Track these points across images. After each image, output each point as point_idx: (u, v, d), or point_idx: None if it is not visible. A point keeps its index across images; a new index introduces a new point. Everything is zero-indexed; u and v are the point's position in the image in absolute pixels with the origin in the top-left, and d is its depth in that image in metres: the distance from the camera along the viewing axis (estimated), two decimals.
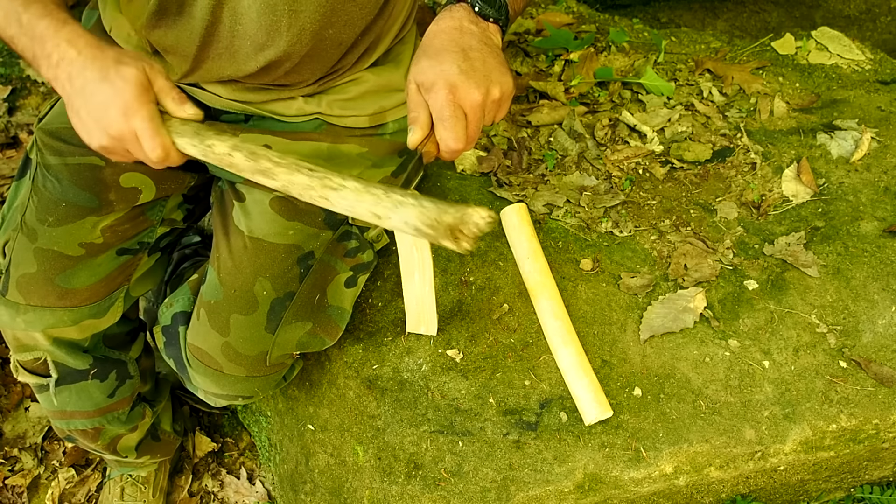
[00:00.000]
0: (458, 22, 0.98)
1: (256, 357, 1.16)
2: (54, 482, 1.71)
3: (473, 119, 0.94)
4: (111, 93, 0.88)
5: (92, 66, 0.89)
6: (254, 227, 1.16)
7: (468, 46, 0.96)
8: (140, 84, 0.88)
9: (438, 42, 0.97)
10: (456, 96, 0.92)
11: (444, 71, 0.92)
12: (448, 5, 1.02)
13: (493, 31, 1.00)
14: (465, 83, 0.92)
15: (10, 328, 1.19)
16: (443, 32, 0.98)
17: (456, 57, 0.93)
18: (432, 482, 1.15)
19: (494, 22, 1.00)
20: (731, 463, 1.19)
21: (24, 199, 1.16)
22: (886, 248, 1.36)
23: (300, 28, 1.06)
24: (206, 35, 1.07)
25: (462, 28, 0.98)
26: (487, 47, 0.97)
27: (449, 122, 0.92)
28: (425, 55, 0.97)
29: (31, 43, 0.90)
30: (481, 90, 0.93)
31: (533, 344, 1.25)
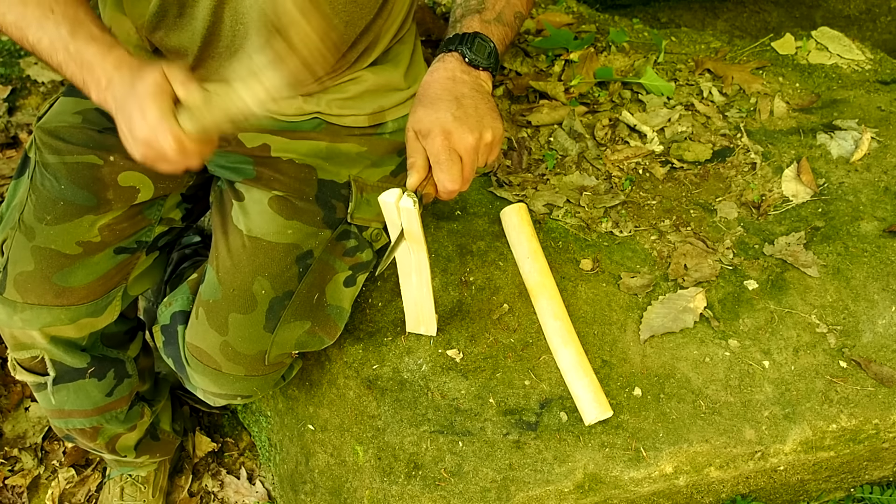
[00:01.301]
0: (450, 72, 1.05)
1: (255, 356, 1.16)
2: (54, 482, 1.71)
3: (468, 161, 1.00)
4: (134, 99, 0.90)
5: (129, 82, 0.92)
6: (252, 227, 1.16)
7: (461, 94, 1.02)
8: (155, 83, 0.89)
9: (433, 91, 1.03)
10: (451, 141, 0.98)
11: (439, 118, 0.99)
12: (441, 55, 1.07)
13: (484, 78, 1.07)
14: (459, 129, 0.98)
15: (8, 326, 1.18)
16: (436, 82, 1.04)
17: (450, 105, 1.00)
18: (432, 482, 1.15)
19: (485, 69, 1.07)
20: (731, 463, 1.19)
21: (22, 198, 1.16)
22: (886, 248, 1.36)
23: None
24: (207, 35, 1.08)
25: (455, 77, 1.05)
26: (479, 94, 1.04)
27: (445, 166, 0.98)
28: (421, 104, 1.03)
29: (80, 70, 0.93)
30: (475, 135, 0.99)
31: (533, 344, 1.25)
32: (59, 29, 0.93)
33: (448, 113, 0.99)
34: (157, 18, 1.09)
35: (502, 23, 1.11)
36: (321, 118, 1.21)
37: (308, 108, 1.20)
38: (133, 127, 0.90)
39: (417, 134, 1.02)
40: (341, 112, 1.21)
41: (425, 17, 1.81)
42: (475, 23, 1.09)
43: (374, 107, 1.23)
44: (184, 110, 0.91)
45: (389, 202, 0.98)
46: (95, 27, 0.95)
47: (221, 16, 1.05)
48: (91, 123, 1.18)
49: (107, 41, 0.94)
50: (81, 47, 0.93)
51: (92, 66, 0.93)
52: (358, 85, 1.21)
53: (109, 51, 0.93)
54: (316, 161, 1.19)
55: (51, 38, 0.94)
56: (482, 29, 1.08)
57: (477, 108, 1.02)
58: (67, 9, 0.95)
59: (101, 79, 0.92)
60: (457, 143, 0.99)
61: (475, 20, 1.09)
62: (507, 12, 1.12)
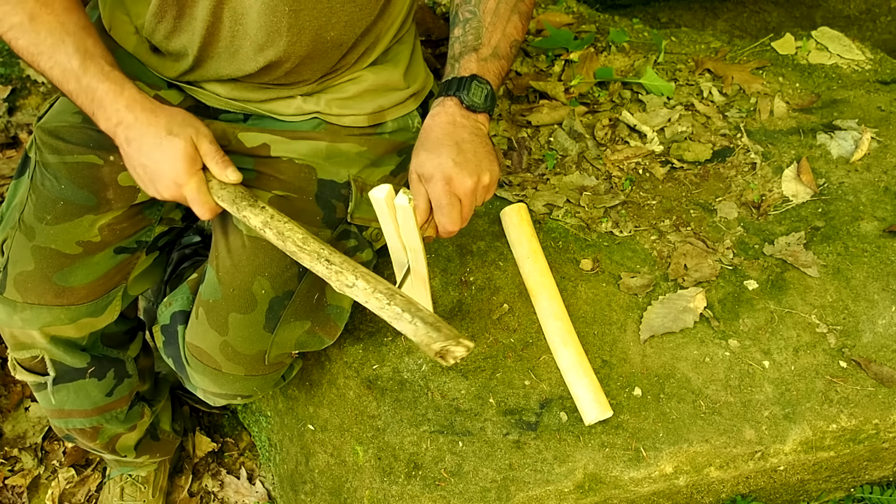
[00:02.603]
0: (450, 116, 1.10)
1: (255, 356, 1.16)
2: (54, 482, 1.71)
3: (467, 204, 1.06)
4: (164, 163, 1.00)
5: (147, 132, 0.99)
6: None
7: (461, 139, 1.07)
8: (188, 156, 1.00)
9: (434, 136, 1.08)
10: (451, 186, 1.04)
11: (440, 164, 1.04)
12: (441, 98, 1.12)
13: (482, 120, 1.12)
14: (459, 174, 1.03)
15: (8, 326, 1.18)
16: (438, 126, 1.09)
17: (451, 150, 1.05)
18: (432, 482, 1.15)
19: (483, 112, 1.12)
20: (731, 463, 1.19)
21: (22, 198, 1.16)
22: (886, 248, 1.36)
23: (300, 29, 1.06)
24: (206, 35, 1.08)
25: (455, 122, 1.09)
26: (478, 138, 1.09)
27: (446, 210, 1.04)
28: (424, 148, 1.07)
29: (91, 104, 1.00)
30: (473, 179, 1.05)
31: (533, 344, 1.25)
32: (70, 61, 0.98)
33: (449, 158, 1.04)
34: (156, 19, 1.09)
35: (498, 57, 1.15)
36: (321, 118, 1.21)
37: (307, 108, 1.20)
38: (157, 181, 1.02)
39: (420, 177, 1.06)
40: (341, 112, 1.21)
41: (425, 17, 1.80)
42: (472, 63, 1.13)
43: (373, 107, 1.23)
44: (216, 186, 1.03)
45: (379, 198, 0.99)
46: (106, 62, 1.00)
47: (221, 16, 1.05)
48: (91, 123, 1.18)
49: (118, 79, 1.00)
50: (93, 84, 0.99)
51: (103, 103, 0.99)
52: (357, 85, 1.21)
53: (121, 90, 0.99)
54: (316, 161, 1.19)
55: (63, 69, 0.99)
56: (479, 69, 1.12)
57: (476, 152, 1.07)
58: (78, 41, 0.99)
59: (112, 117, 0.99)
60: (457, 188, 1.04)
61: (472, 60, 1.13)
62: (502, 45, 1.16)
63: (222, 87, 1.17)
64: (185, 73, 1.16)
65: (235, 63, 1.11)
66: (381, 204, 0.99)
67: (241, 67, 1.12)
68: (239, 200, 1.03)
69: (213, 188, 1.04)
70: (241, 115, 1.22)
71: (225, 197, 1.04)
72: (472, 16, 1.17)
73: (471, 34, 1.15)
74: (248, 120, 1.22)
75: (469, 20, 1.17)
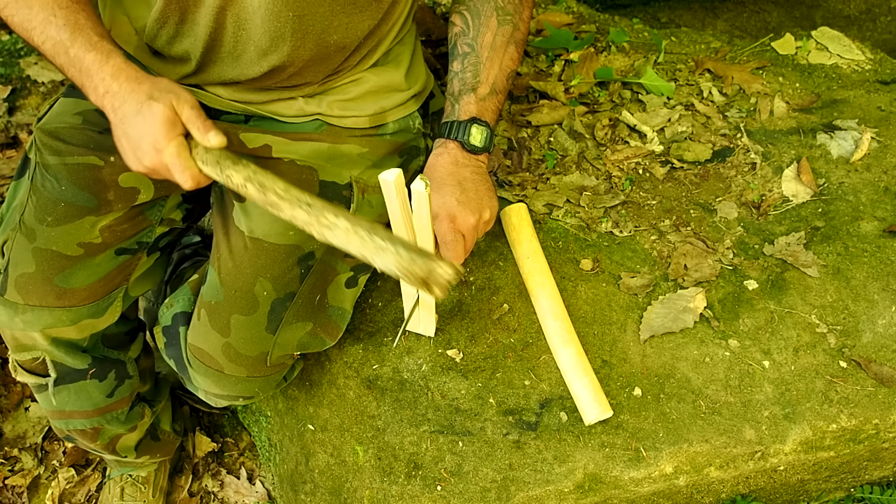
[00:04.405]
0: (453, 157, 1.19)
1: (257, 357, 1.16)
2: (54, 482, 1.71)
3: (469, 238, 1.15)
4: (143, 128, 0.96)
5: (130, 99, 0.96)
6: (254, 228, 1.16)
7: (463, 178, 1.17)
8: (167, 120, 0.96)
9: (439, 175, 1.17)
10: (455, 224, 1.13)
11: (445, 203, 1.13)
12: (443, 140, 1.20)
13: (482, 159, 1.21)
14: (462, 213, 1.13)
15: (9, 328, 1.18)
16: (441, 166, 1.18)
17: (454, 190, 1.14)
18: (432, 482, 1.15)
19: (482, 152, 1.20)
20: (731, 463, 1.19)
21: (22, 199, 1.16)
22: (886, 248, 1.36)
23: (304, 33, 1.07)
24: (209, 40, 1.08)
25: (457, 162, 1.18)
26: (479, 176, 1.19)
27: (451, 246, 1.12)
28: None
29: (79, 75, 0.98)
30: (476, 216, 1.14)
31: (533, 344, 1.25)
32: (60, 34, 0.97)
33: (453, 198, 1.13)
34: (158, 24, 1.09)
35: (496, 92, 1.22)
36: (322, 119, 1.21)
37: (309, 110, 1.20)
38: (138, 150, 0.97)
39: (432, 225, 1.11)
40: (342, 113, 1.21)
41: (425, 17, 1.80)
42: (472, 105, 1.20)
43: (375, 108, 1.23)
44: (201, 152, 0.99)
45: (389, 181, 0.95)
46: (95, 34, 0.99)
47: (224, 22, 1.05)
48: (91, 124, 1.18)
49: (105, 49, 0.98)
50: (80, 54, 0.97)
51: (90, 72, 0.97)
52: (359, 86, 1.22)
53: (107, 59, 0.97)
54: (317, 162, 1.19)
55: (53, 42, 0.98)
56: (478, 111, 1.20)
57: (477, 190, 1.17)
58: (69, 14, 0.98)
59: (99, 86, 0.97)
60: (461, 225, 1.13)
61: (471, 101, 1.20)
62: (499, 79, 1.23)
63: (224, 89, 1.17)
64: (187, 76, 1.16)
65: (239, 67, 1.11)
66: (390, 187, 0.96)
67: (244, 72, 1.12)
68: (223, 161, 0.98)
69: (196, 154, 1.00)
70: (243, 117, 1.22)
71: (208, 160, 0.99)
72: (471, 50, 1.22)
73: (469, 71, 1.22)
74: (249, 121, 1.22)
75: (467, 55, 1.22)
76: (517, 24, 1.23)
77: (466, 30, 1.23)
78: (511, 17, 1.23)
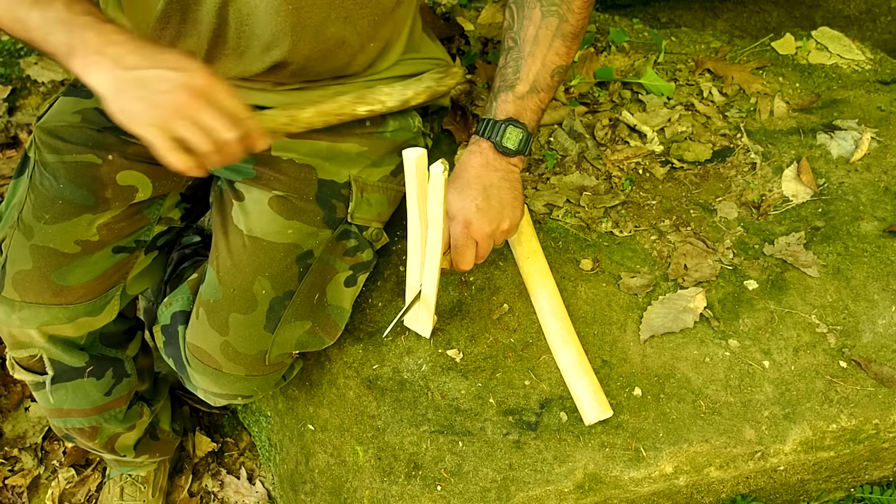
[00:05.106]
0: (484, 158, 1.14)
1: (256, 356, 1.16)
2: (54, 482, 1.71)
3: (483, 246, 1.12)
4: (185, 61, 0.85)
5: (148, 45, 0.86)
6: (253, 226, 1.16)
7: (489, 184, 1.12)
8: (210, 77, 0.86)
9: (466, 176, 1.13)
10: (470, 230, 1.10)
11: (463, 207, 1.10)
12: (477, 138, 1.16)
13: (515, 161, 1.16)
14: (479, 220, 1.10)
15: (6, 325, 1.18)
16: (471, 167, 1.14)
17: (476, 195, 1.11)
18: (432, 482, 1.15)
19: (516, 155, 1.15)
20: (731, 463, 1.18)
21: (21, 197, 1.16)
22: (886, 248, 1.36)
23: (302, 26, 1.06)
24: (213, 37, 1.08)
25: (487, 164, 1.14)
26: (507, 182, 1.14)
27: (461, 251, 1.11)
28: (454, 186, 1.12)
29: (69, 35, 0.86)
30: (493, 225, 1.11)
31: (533, 344, 1.25)
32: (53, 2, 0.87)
33: (473, 203, 1.10)
34: (160, 24, 1.09)
35: (538, 90, 1.15)
36: None
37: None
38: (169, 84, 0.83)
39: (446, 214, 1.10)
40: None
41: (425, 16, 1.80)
42: (509, 104, 1.14)
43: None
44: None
45: (411, 157, 0.95)
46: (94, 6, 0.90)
47: (226, 18, 1.05)
48: (90, 122, 1.18)
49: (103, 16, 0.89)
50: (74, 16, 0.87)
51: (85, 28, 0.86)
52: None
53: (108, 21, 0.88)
54: (316, 161, 1.19)
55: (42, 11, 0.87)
56: (516, 110, 1.14)
57: (501, 198, 1.12)
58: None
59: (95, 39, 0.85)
60: (475, 233, 1.10)
61: (509, 100, 1.14)
62: (542, 76, 1.15)
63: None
64: None
65: (242, 64, 1.11)
66: (411, 164, 0.95)
67: (247, 68, 1.12)
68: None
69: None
70: None
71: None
72: (514, 44, 1.16)
73: (510, 66, 1.16)
74: None
75: (511, 49, 1.17)
76: (564, 15, 1.13)
77: (512, 23, 1.17)
78: (557, 7, 1.13)
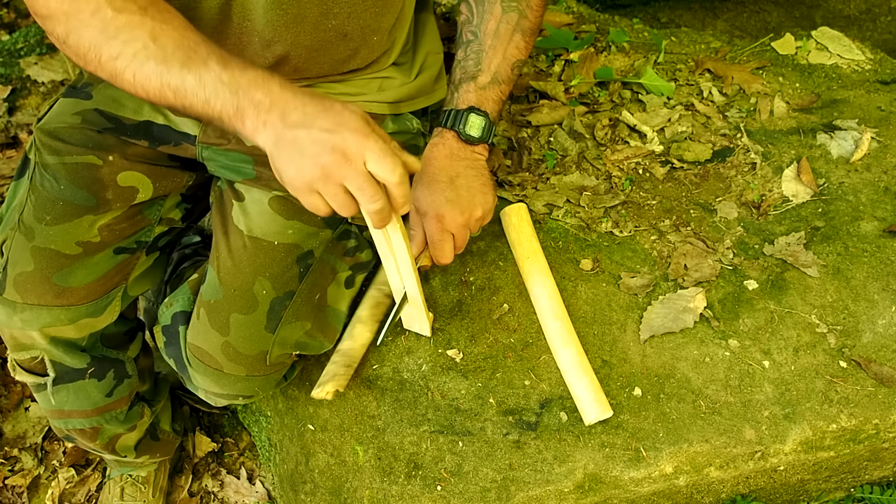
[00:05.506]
0: (448, 149, 1.15)
1: (257, 356, 1.16)
2: (54, 482, 1.71)
3: (459, 237, 1.14)
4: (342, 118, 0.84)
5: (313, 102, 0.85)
6: (253, 227, 1.16)
7: (455, 174, 1.13)
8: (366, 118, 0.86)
9: (431, 171, 1.14)
10: (443, 224, 1.11)
11: (433, 201, 1.11)
12: (439, 130, 1.17)
13: (479, 150, 1.17)
14: (451, 212, 1.11)
15: (7, 327, 1.18)
16: (435, 160, 1.15)
17: (445, 187, 1.12)
18: (432, 482, 1.15)
19: (480, 143, 1.16)
20: (731, 463, 1.19)
21: (22, 199, 1.16)
22: (886, 248, 1.36)
23: (302, 18, 1.06)
24: (214, 33, 1.07)
25: (452, 154, 1.15)
26: (473, 171, 1.15)
27: (438, 245, 1.12)
28: (421, 183, 1.13)
29: (235, 97, 0.85)
30: (465, 215, 1.12)
31: (533, 344, 1.25)
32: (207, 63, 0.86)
33: (442, 196, 1.11)
34: None
35: (498, 82, 1.18)
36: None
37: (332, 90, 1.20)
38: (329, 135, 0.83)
39: (417, 211, 1.13)
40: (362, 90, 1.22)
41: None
42: (471, 94, 1.17)
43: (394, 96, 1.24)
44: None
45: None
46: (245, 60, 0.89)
47: (229, 13, 1.05)
48: (90, 124, 1.18)
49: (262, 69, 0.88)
50: (237, 74, 0.86)
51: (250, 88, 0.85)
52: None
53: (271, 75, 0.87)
54: None
55: (198, 74, 0.86)
56: (477, 100, 1.16)
57: (469, 187, 1.13)
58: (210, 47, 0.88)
59: (264, 100, 0.85)
60: (448, 225, 1.11)
61: (471, 90, 1.17)
62: (503, 69, 1.18)
63: None
64: None
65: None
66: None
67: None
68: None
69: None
70: None
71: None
72: (474, 38, 1.19)
73: (471, 59, 1.18)
74: None
75: (470, 42, 1.19)
76: (524, 11, 1.18)
77: (471, 17, 1.20)
78: (517, 4, 1.18)
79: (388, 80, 1.24)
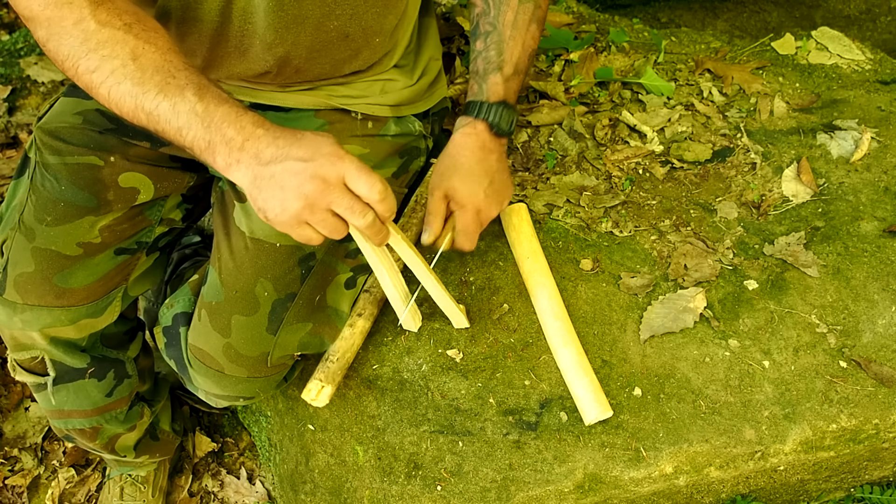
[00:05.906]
0: (481, 141, 1.17)
1: (258, 358, 1.16)
2: (54, 482, 1.71)
3: (485, 225, 1.20)
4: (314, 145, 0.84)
5: (284, 135, 0.85)
6: (255, 228, 1.16)
7: (491, 168, 1.17)
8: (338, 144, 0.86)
9: (467, 162, 1.16)
10: (480, 216, 1.17)
11: (473, 194, 1.15)
12: (470, 119, 1.18)
13: (504, 142, 1.22)
14: (488, 207, 1.16)
15: (8, 327, 1.18)
16: (469, 151, 1.17)
17: (483, 181, 1.16)
18: (432, 482, 1.15)
19: (507, 135, 1.21)
20: (731, 463, 1.19)
21: (22, 199, 1.16)
22: (886, 248, 1.36)
23: (304, 19, 1.06)
24: (215, 35, 1.07)
25: (485, 147, 1.17)
26: (502, 164, 1.21)
27: (472, 235, 1.17)
28: (457, 173, 1.16)
29: (207, 131, 0.85)
30: (498, 209, 1.20)
31: (533, 344, 1.25)
32: (183, 92, 0.86)
33: (481, 189, 1.15)
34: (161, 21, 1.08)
35: (519, 72, 1.21)
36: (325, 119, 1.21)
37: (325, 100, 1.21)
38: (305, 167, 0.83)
39: (450, 200, 1.16)
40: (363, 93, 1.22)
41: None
42: (499, 85, 1.18)
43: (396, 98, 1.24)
44: None
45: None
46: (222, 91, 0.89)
47: (230, 15, 1.05)
48: (92, 124, 1.18)
49: (237, 104, 0.88)
50: (211, 107, 0.86)
51: (223, 124, 0.85)
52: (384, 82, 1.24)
53: (245, 111, 0.87)
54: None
55: (172, 102, 0.86)
56: (505, 92, 1.18)
57: (503, 181, 1.20)
58: (190, 74, 0.88)
59: (237, 137, 0.85)
60: (484, 219, 1.17)
61: (498, 80, 1.18)
62: (522, 59, 1.21)
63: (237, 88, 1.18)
64: None
65: (245, 63, 1.11)
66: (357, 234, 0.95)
67: (251, 67, 1.12)
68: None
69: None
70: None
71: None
72: (493, 28, 1.20)
73: (493, 49, 1.19)
74: None
75: (489, 33, 1.20)
76: (538, 1, 1.21)
77: (487, 9, 1.21)
78: None
79: (391, 83, 1.24)
